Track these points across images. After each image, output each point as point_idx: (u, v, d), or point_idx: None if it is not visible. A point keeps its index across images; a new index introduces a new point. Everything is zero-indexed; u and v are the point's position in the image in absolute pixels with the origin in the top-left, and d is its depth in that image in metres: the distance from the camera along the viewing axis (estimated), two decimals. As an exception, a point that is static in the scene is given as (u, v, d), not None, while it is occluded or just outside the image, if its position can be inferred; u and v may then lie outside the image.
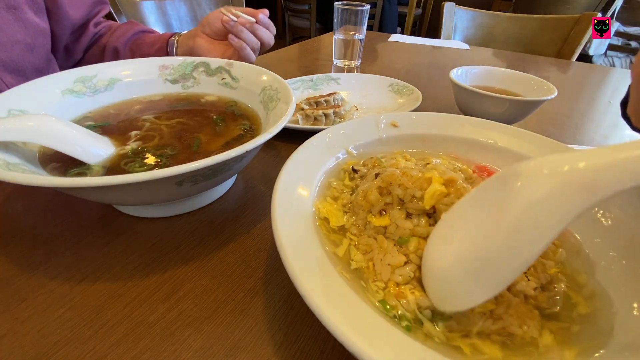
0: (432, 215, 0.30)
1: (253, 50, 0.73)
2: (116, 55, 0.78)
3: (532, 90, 0.67)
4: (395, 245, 0.30)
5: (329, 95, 0.70)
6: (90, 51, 0.80)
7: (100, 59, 0.80)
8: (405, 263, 0.28)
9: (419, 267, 0.28)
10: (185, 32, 0.78)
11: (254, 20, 0.71)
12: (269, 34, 0.74)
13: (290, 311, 0.31)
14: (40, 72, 0.65)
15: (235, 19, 0.70)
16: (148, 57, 0.55)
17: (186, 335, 0.29)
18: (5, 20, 0.59)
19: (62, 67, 0.78)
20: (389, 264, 0.28)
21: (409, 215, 0.31)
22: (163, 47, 0.77)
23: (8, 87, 0.56)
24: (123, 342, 0.28)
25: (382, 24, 3.28)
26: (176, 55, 0.76)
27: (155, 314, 0.31)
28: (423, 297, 0.27)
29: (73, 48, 0.77)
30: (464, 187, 0.29)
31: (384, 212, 0.32)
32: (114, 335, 0.29)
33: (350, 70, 1.02)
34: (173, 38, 0.77)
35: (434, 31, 1.81)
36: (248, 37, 0.71)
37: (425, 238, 0.29)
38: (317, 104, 0.69)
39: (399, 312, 0.26)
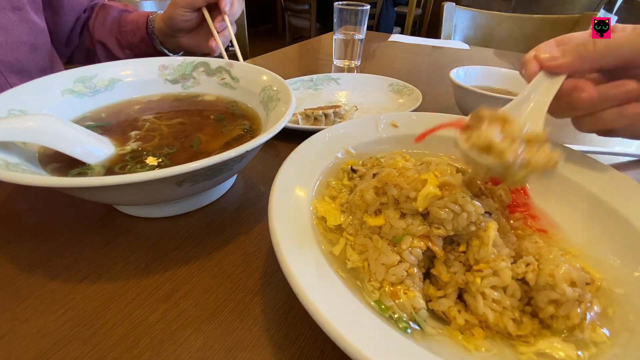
0: (427, 216, 0.30)
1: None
2: (109, 54, 0.79)
3: (532, 90, 0.67)
4: (389, 244, 0.30)
5: (331, 108, 0.65)
6: (81, 45, 0.80)
7: (93, 55, 0.80)
8: (399, 262, 0.28)
9: (412, 266, 0.28)
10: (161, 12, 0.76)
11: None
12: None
13: (290, 311, 0.32)
14: (44, 72, 0.66)
15: None
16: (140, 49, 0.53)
17: (186, 335, 0.29)
18: (11, 21, 0.58)
19: (63, 57, 0.78)
20: (383, 264, 0.28)
21: (403, 215, 0.31)
22: (144, 37, 0.76)
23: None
24: (123, 342, 0.28)
25: (378, 23, 3.28)
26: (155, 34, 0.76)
27: (155, 314, 0.31)
28: (416, 298, 0.27)
29: (71, 35, 0.77)
30: (459, 191, 0.29)
31: (379, 212, 0.32)
32: (114, 335, 0.29)
33: (350, 70, 1.02)
34: (151, 19, 0.75)
35: (434, 31, 1.81)
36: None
37: (419, 237, 0.29)
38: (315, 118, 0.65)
39: (395, 315, 0.26)
